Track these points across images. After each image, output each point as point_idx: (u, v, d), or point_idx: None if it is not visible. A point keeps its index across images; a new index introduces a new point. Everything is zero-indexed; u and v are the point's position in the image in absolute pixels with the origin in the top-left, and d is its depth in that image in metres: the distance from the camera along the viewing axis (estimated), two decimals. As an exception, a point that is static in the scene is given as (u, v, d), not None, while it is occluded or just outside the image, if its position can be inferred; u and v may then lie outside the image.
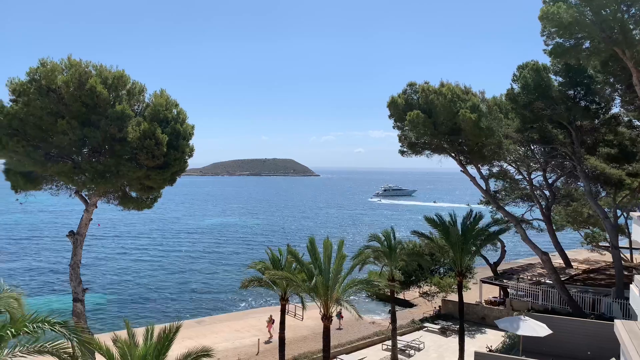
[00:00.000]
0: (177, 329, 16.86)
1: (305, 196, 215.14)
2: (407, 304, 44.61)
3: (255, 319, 39.03)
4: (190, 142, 23.38)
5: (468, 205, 40.69)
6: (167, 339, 16.46)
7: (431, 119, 28.69)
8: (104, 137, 21.03)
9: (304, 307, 24.42)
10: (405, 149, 32.77)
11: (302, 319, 37.94)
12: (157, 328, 17.18)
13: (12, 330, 10.84)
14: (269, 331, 34.54)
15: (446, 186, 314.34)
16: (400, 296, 44.16)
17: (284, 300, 24.71)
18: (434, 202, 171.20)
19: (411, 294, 45.48)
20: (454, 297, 37.12)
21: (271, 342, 33.09)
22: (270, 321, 34.83)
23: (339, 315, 35.86)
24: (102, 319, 40.64)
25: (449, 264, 39.23)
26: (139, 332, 16.61)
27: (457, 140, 30.23)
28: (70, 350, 11.45)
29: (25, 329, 10.92)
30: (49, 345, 11.26)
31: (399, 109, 30.34)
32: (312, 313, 33.40)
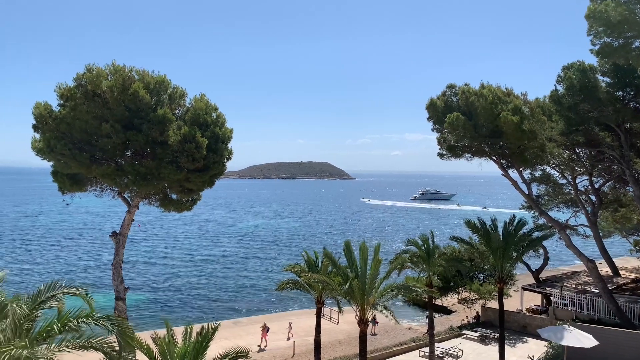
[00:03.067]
0: (215, 329, 17.06)
1: (340, 199, 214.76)
2: (445, 311, 43.75)
3: (290, 321, 39.15)
4: (229, 145, 23.72)
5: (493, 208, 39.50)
6: (205, 338, 16.68)
7: (471, 122, 28.09)
8: (146, 141, 21.58)
9: (340, 311, 24.31)
10: (444, 152, 32.20)
11: (338, 322, 37.79)
12: (195, 328, 17.49)
13: (58, 325, 11.20)
14: (264, 339, 33.80)
15: (486, 190, 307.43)
16: (438, 302, 43.38)
17: (319, 304, 24.64)
18: (485, 207, 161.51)
19: (449, 300, 44.59)
20: (493, 304, 36.13)
21: (265, 350, 32.68)
22: (265, 329, 34.19)
23: (374, 321, 35.50)
24: (142, 318, 41.67)
25: (489, 270, 38.24)
26: (178, 331, 16.91)
27: (498, 143, 29.49)
28: (115, 345, 11.74)
29: (70, 324, 11.25)
30: (94, 340, 11.57)
31: (438, 112, 29.88)
32: (348, 317, 33.27)
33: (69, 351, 11.45)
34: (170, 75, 22.64)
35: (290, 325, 35.84)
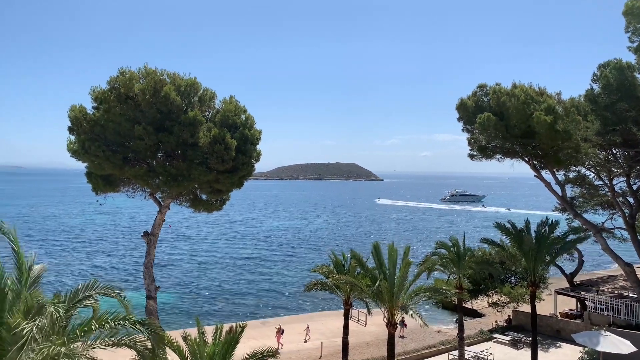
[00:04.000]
0: (243, 328, 17.20)
1: (368, 201, 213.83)
2: (476, 314, 43.02)
3: (318, 322, 39.15)
4: (258, 146, 23.90)
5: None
6: (233, 338, 16.83)
7: (503, 122, 27.55)
8: (177, 142, 21.96)
9: (368, 313, 24.16)
10: (474, 153, 31.68)
11: (366, 324, 37.59)
12: (224, 327, 17.65)
13: (95, 324, 11.48)
14: (278, 342, 33.33)
15: (518, 192, 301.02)
16: (468, 305, 42.69)
17: (347, 305, 24.57)
18: (508, 209, 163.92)
19: (480, 304, 43.82)
20: (525, 308, 35.31)
21: (279, 353, 32.18)
22: (280, 331, 33.90)
23: (402, 323, 35.16)
24: (172, 316, 42.38)
25: (520, 273, 37.41)
26: (207, 330, 17.12)
27: (531, 144, 28.82)
28: (147, 343, 11.96)
29: (107, 325, 11.52)
30: (127, 338, 11.82)
31: (468, 112, 29.42)
32: (376, 319, 32.98)
33: (103, 348, 11.74)
34: (201, 77, 22.97)
35: (307, 327, 35.72)
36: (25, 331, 9.04)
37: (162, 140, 21.82)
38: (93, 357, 11.29)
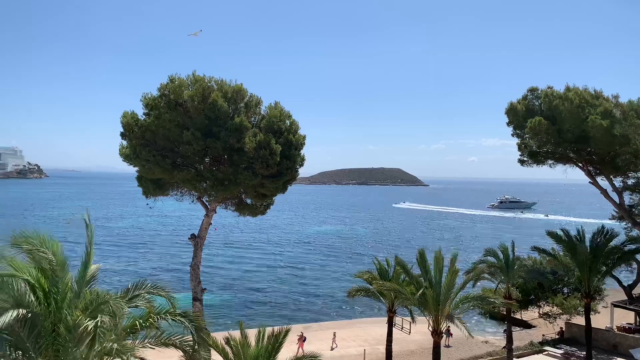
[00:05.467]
0: (287, 332, 17.28)
1: (412, 206, 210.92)
2: (525, 325, 41.46)
3: (361, 329, 38.84)
4: (302, 151, 24.04)
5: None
6: (277, 341, 16.92)
7: (555, 126, 26.53)
8: (223, 147, 22.43)
9: (413, 321, 23.80)
10: (525, 158, 30.66)
11: (410, 332, 36.95)
12: (267, 330, 17.79)
13: (141, 322, 11.86)
14: (301, 349, 32.07)
15: (572, 199, 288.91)
16: (517, 316, 41.21)
17: (391, 312, 24.27)
18: (546, 215, 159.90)
19: (529, 314, 42.21)
20: (579, 320, 33.72)
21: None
22: (302, 339, 33.06)
23: (448, 332, 34.32)
24: (216, 318, 43.11)
25: (574, 283, 35.77)
26: (251, 333, 17.30)
27: (586, 149, 27.60)
28: (192, 342, 12.22)
29: (150, 319, 11.86)
30: (174, 338, 12.14)
31: (518, 116, 28.53)
32: (420, 327, 32.44)
33: (151, 347, 12.09)
34: (248, 84, 23.37)
35: (334, 334, 35.25)
36: (90, 328, 9.40)
37: (209, 145, 22.35)
38: (141, 357, 11.64)
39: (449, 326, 28.07)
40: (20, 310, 9.57)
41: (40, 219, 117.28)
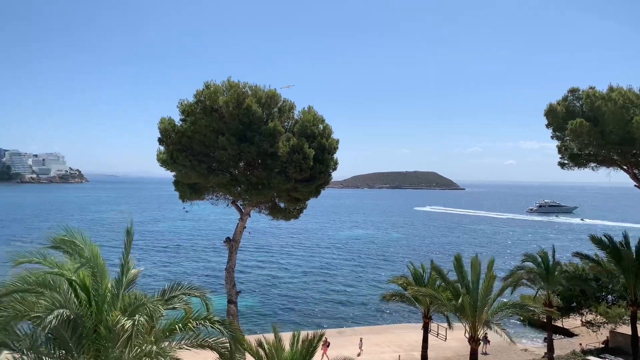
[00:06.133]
0: (320, 337, 17.25)
1: (446, 210, 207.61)
2: (567, 333, 40.05)
3: (395, 334, 38.37)
4: (335, 155, 24.04)
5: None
6: (311, 345, 16.90)
7: (597, 128, 25.59)
8: (257, 152, 22.68)
9: (449, 327, 23.31)
10: (565, 161, 29.70)
11: (446, 339, 36.26)
12: (301, 334, 17.78)
13: (180, 325, 12.05)
14: (325, 354, 31.46)
15: (615, 203, 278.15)
16: (558, 323, 39.85)
17: (426, 318, 23.90)
18: (582, 219, 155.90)
19: (571, 322, 40.75)
20: (625, 329, 32.29)
21: None
22: (325, 344, 32.78)
23: (485, 339, 33.50)
24: (250, 321, 43.48)
25: (619, 291, 34.30)
26: (284, 337, 17.34)
27: (631, 151, 26.49)
28: (228, 345, 12.34)
29: (189, 324, 12.04)
30: (210, 340, 12.28)
31: (558, 118, 27.69)
32: (456, 334, 31.78)
33: (187, 349, 12.27)
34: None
35: (361, 340, 34.74)
36: (126, 327, 9.62)
37: (243, 150, 22.63)
38: (178, 358, 11.82)
39: (486, 333, 27.48)
40: (65, 310, 9.88)
41: (81, 222, 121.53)
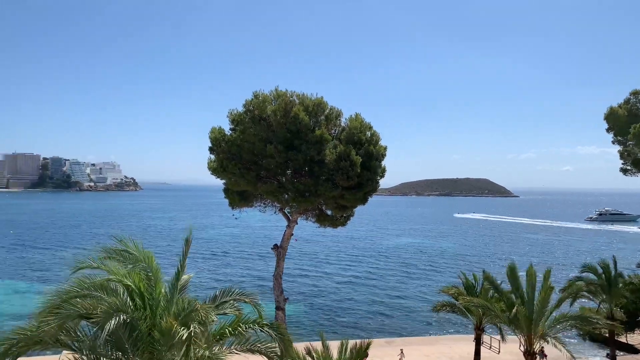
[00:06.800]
0: (368, 346, 17.06)
1: (499, 218, 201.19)
2: (631, 349, 37.63)
3: (446, 346, 37.36)
4: (382, 163, 23.85)
5: None
6: (359, 354, 16.76)
7: (662, 131, 24.12)
8: (304, 160, 22.84)
9: (503, 339, 22.46)
10: (628, 167, 28.18)
11: (499, 352, 34.96)
12: (349, 343, 17.63)
13: (229, 329, 12.24)
14: None
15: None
16: (622, 339, 37.56)
17: (479, 330, 23.15)
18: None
19: (636, 338, 38.30)
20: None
21: None
22: (401, 355, 31.98)
23: (542, 353, 32.00)
24: (298, 328, 43.50)
25: (690, 306, 31.99)
26: (332, 345, 17.25)
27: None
28: (278, 351, 12.42)
29: (239, 328, 12.21)
30: (260, 345, 12.39)
31: (620, 121, 26.34)
32: (511, 347, 30.60)
33: (237, 353, 12.42)
34: (328, 96, 23.68)
35: (401, 351, 33.81)
36: (184, 337, 9.86)
37: (291, 158, 22.86)
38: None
39: (542, 347, 26.29)
40: (122, 314, 10.25)
41: (136, 229, 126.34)
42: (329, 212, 27.14)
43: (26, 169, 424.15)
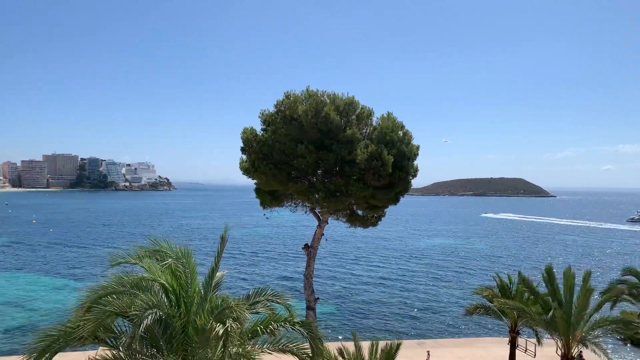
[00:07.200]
0: (398, 346, 16.91)
1: (532, 220, 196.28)
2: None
3: (480, 348, 36.67)
4: (415, 162, 23.57)
5: None
6: (389, 355, 16.63)
7: None
8: (335, 160, 22.79)
9: (539, 343, 21.91)
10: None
11: (535, 355, 34.10)
12: (380, 343, 17.52)
13: (261, 327, 12.36)
14: None
15: None
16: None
17: (513, 333, 22.62)
18: None
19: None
20: None
21: None
22: (428, 357, 31.24)
23: (580, 358, 31.01)
24: (328, 328, 43.49)
25: None
26: (363, 346, 17.17)
27: None
28: (309, 351, 12.46)
29: (270, 326, 12.31)
30: (291, 345, 12.46)
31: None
32: (547, 350, 29.80)
33: (269, 353, 12.52)
34: (360, 96, 23.59)
35: (428, 353, 33.16)
36: (220, 332, 10.00)
37: (321, 157, 22.85)
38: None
39: (581, 351, 25.50)
40: (157, 311, 10.45)
41: (168, 228, 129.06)
42: (359, 212, 27.00)
43: (65, 169, 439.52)
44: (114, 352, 11.16)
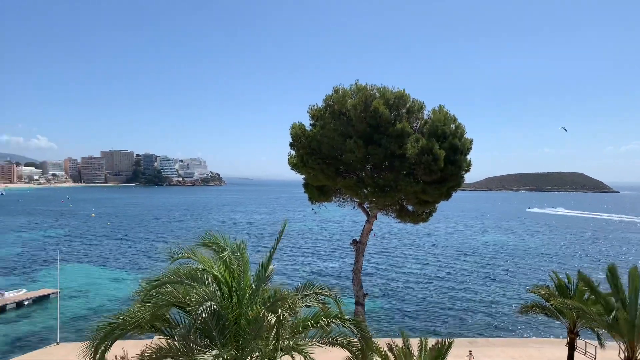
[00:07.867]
0: (450, 345, 16.59)
1: (594, 215, 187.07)
2: None
3: (535, 349, 35.43)
4: (468, 156, 22.95)
5: None
6: (440, 353, 16.35)
7: None
8: (384, 154, 22.51)
9: (600, 345, 20.86)
10: None
11: (595, 358, 32.58)
12: (430, 341, 17.26)
13: (312, 322, 12.44)
14: None
15: None
16: None
17: (572, 334, 21.66)
18: None
19: None
20: None
21: None
22: (470, 356, 30.27)
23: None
24: (376, 324, 43.29)
25: None
26: (412, 343, 16.95)
27: None
28: (358, 344, 12.45)
29: (321, 322, 12.37)
30: (341, 338, 12.48)
31: None
32: (609, 354, 28.39)
33: (319, 346, 12.58)
34: (410, 89, 23.15)
35: (470, 353, 32.06)
36: (272, 321, 10.17)
37: (370, 152, 22.64)
38: (311, 352, 12.20)
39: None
40: (212, 302, 10.73)
41: (218, 222, 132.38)
42: (409, 208, 26.59)
43: (122, 165, 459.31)
44: (169, 341, 11.54)
